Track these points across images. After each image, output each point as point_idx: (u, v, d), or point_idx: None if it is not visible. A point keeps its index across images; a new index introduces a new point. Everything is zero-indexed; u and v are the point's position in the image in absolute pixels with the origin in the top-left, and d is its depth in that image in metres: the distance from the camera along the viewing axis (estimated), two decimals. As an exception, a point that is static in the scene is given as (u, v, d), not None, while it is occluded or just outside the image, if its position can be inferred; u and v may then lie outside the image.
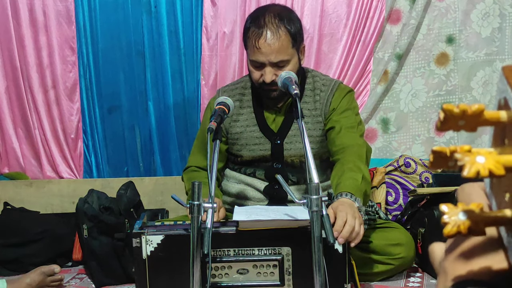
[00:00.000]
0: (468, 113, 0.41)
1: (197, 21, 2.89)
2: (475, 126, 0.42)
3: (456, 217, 0.43)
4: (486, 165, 0.39)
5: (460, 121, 0.41)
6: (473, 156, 0.40)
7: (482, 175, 0.39)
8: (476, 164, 0.39)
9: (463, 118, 0.41)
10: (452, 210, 0.43)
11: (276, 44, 2.00)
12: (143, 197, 2.62)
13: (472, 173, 0.39)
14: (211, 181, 1.59)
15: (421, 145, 2.94)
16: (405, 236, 2.18)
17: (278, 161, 2.17)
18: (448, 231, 0.43)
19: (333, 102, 2.14)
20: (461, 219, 0.43)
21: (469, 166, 0.39)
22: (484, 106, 0.41)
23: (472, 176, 0.39)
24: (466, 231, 0.42)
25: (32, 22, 2.88)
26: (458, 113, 0.41)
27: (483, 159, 0.39)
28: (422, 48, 2.90)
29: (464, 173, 0.39)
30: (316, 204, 1.46)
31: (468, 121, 0.41)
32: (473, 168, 0.39)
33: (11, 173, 2.98)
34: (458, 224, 0.43)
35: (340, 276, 1.69)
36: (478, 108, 0.41)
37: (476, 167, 0.39)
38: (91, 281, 2.32)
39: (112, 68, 2.94)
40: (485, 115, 0.41)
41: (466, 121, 0.41)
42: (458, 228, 0.43)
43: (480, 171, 0.39)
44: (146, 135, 2.98)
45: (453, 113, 0.41)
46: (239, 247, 1.70)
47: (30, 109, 2.94)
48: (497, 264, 0.44)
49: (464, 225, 0.43)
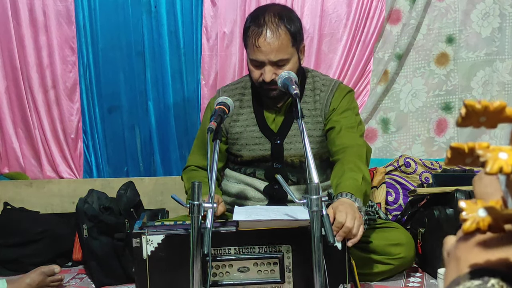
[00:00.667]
0: (490, 109, 0.40)
1: (197, 21, 2.89)
2: (495, 123, 0.41)
3: (475, 214, 0.43)
4: (509, 162, 0.39)
5: (481, 118, 0.41)
6: (495, 153, 0.39)
7: (505, 171, 0.39)
8: (499, 161, 0.39)
9: (484, 114, 0.41)
10: (471, 207, 0.43)
11: (276, 43, 2.00)
12: (143, 197, 2.62)
13: (495, 169, 0.39)
14: (211, 181, 1.59)
15: (421, 145, 2.94)
16: (405, 236, 2.18)
17: (278, 161, 2.17)
18: (467, 227, 0.43)
19: (333, 102, 2.14)
20: (480, 215, 0.43)
21: (492, 162, 0.39)
22: (506, 103, 0.41)
23: (494, 172, 0.39)
24: (486, 228, 0.42)
25: (32, 22, 2.88)
26: (480, 109, 0.41)
27: (505, 156, 0.39)
28: (422, 48, 2.90)
29: (487, 169, 0.39)
30: (316, 204, 1.46)
31: (490, 117, 0.41)
32: (496, 164, 0.39)
33: (11, 173, 2.98)
34: (477, 221, 0.42)
35: (340, 275, 1.70)
36: (500, 105, 0.41)
37: (499, 163, 0.39)
38: (91, 281, 2.32)
39: (112, 68, 2.93)
40: (507, 112, 0.41)
41: (487, 118, 0.41)
42: (477, 225, 0.42)
43: (503, 167, 0.39)
44: (146, 135, 2.98)
45: (475, 109, 0.41)
46: (240, 245, 1.71)
47: (30, 109, 2.94)
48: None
49: (484, 222, 0.42)
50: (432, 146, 2.94)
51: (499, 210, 0.42)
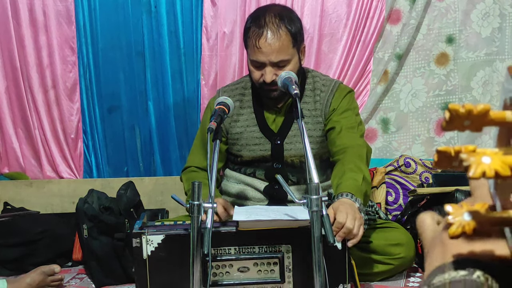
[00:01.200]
0: (474, 113, 0.41)
1: (197, 21, 2.89)
2: (480, 126, 0.42)
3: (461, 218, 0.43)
4: (492, 166, 0.39)
5: (465, 121, 0.41)
6: (478, 157, 0.39)
7: (487, 175, 0.39)
8: (482, 165, 0.39)
9: (468, 118, 0.41)
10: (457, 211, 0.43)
11: (277, 43, 2.00)
12: (143, 197, 2.62)
13: (478, 173, 0.39)
14: (211, 181, 1.59)
15: (421, 145, 2.94)
16: (405, 236, 2.18)
17: (278, 161, 2.17)
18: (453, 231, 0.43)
19: (333, 102, 2.14)
20: (466, 219, 0.43)
21: (475, 166, 0.39)
22: (490, 106, 0.41)
23: (477, 177, 0.39)
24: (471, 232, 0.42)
25: (32, 22, 2.88)
26: (463, 113, 0.41)
27: (489, 160, 0.39)
28: (422, 48, 2.90)
29: (470, 173, 0.39)
30: (316, 204, 1.46)
31: (474, 121, 0.41)
32: (479, 169, 0.39)
33: (11, 173, 2.99)
34: (463, 225, 0.43)
35: (340, 275, 1.70)
36: (484, 108, 0.41)
37: (482, 167, 0.39)
38: (91, 281, 2.32)
39: (112, 68, 2.94)
40: (491, 115, 0.41)
41: (471, 121, 0.41)
42: (463, 229, 0.43)
43: (486, 171, 0.39)
44: (146, 135, 2.98)
45: (458, 113, 0.41)
46: (240, 245, 1.71)
47: (30, 109, 2.94)
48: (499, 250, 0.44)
49: (469, 226, 0.42)
50: (432, 146, 2.94)
51: (484, 214, 0.42)
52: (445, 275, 0.44)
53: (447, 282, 0.44)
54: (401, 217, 2.56)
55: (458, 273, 0.44)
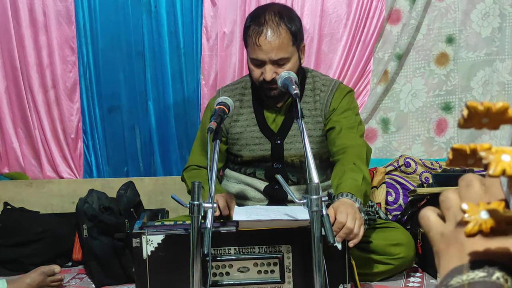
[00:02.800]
0: (492, 110, 0.40)
1: (197, 21, 2.89)
2: (498, 124, 0.41)
3: (478, 216, 0.43)
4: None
5: (483, 119, 0.41)
6: (498, 155, 0.39)
7: (508, 173, 0.38)
8: (502, 163, 0.39)
9: (487, 115, 0.40)
10: (473, 209, 0.43)
11: (277, 41, 2.00)
12: (143, 197, 2.62)
13: (498, 171, 0.38)
14: (211, 181, 1.59)
15: (421, 145, 2.94)
16: (405, 236, 2.18)
17: (278, 161, 2.17)
18: (470, 230, 0.42)
19: (333, 102, 2.14)
20: (483, 218, 0.42)
21: (494, 164, 0.39)
22: (509, 105, 0.41)
23: (498, 175, 0.39)
24: (488, 230, 0.42)
25: (32, 22, 2.88)
26: (482, 110, 0.40)
27: (508, 158, 0.39)
28: (422, 48, 2.90)
29: (489, 171, 0.39)
30: (316, 204, 1.46)
31: (492, 119, 0.41)
32: (499, 167, 0.38)
33: (11, 173, 2.98)
34: (480, 223, 0.42)
35: (340, 275, 1.70)
36: (503, 106, 0.40)
37: (502, 165, 0.38)
38: (91, 281, 2.32)
39: (112, 68, 2.93)
40: (509, 113, 0.41)
41: (489, 119, 0.41)
42: (480, 227, 0.42)
43: (506, 169, 0.38)
44: (146, 135, 2.98)
45: (477, 110, 0.40)
46: (240, 245, 1.71)
47: (30, 109, 2.94)
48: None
49: (486, 224, 0.42)
50: (432, 146, 2.94)
51: (502, 213, 0.42)
52: (463, 276, 0.44)
53: (466, 283, 0.43)
54: (401, 217, 2.56)
55: (477, 275, 0.43)
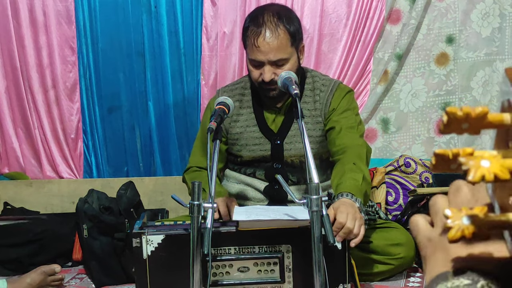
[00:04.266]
0: (472, 116, 0.40)
1: (197, 21, 2.89)
2: (478, 129, 0.41)
3: (460, 222, 0.43)
4: (491, 169, 0.38)
5: (463, 124, 0.41)
6: (477, 160, 0.39)
7: (487, 179, 0.38)
8: (481, 169, 0.38)
9: (466, 121, 0.40)
10: (455, 214, 0.43)
11: (275, 42, 2.00)
12: (143, 197, 2.62)
13: (477, 177, 0.38)
14: (211, 181, 1.59)
15: (421, 145, 2.94)
16: (405, 236, 2.17)
17: (278, 161, 2.17)
18: (452, 235, 0.43)
19: (333, 102, 2.14)
20: (465, 223, 0.42)
21: (474, 170, 0.39)
22: (488, 109, 0.41)
23: (477, 181, 0.38)
24: (471, 236, 0.42)
25: (32, 22, 2.89)
26: (461, 116, 0.40)
27: (488, 163, 0.39)
28: (422, 48, 2.90)
29: (469, 177, 0.39)
30: (316, 204, 1.46)
31: (472, 124, 0.41)
32: (478, 173, 0.38)
33: (11, 173, 2.99)
34: (462, 229, 0.42)
35: (340, 275, 1.70)
36: (482, 111, 0.40)
37: (481, 171, 0.38)
38: (91, 281, 2.32)
39: (112, 68, 2.94)
40: (489, 118, 0.41)
41: (469, 124, 0.41)
42: (462, 233, 0.42)
43: (485, 175, 0.38)
44: (146, 135, 2.98)
45: (456, 116, 0.40)
46: (240, 245, 1.71)
47: (30, 109, 2.94)
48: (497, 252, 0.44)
49: (469, 230, 0.42)
50: (432, 146, 2.94)
51: (483, 218, 0.42)
52: (448, 283, 0.44)
53: None
54: (401, 217, 2.56)
55: (461, 282, 0.44)
